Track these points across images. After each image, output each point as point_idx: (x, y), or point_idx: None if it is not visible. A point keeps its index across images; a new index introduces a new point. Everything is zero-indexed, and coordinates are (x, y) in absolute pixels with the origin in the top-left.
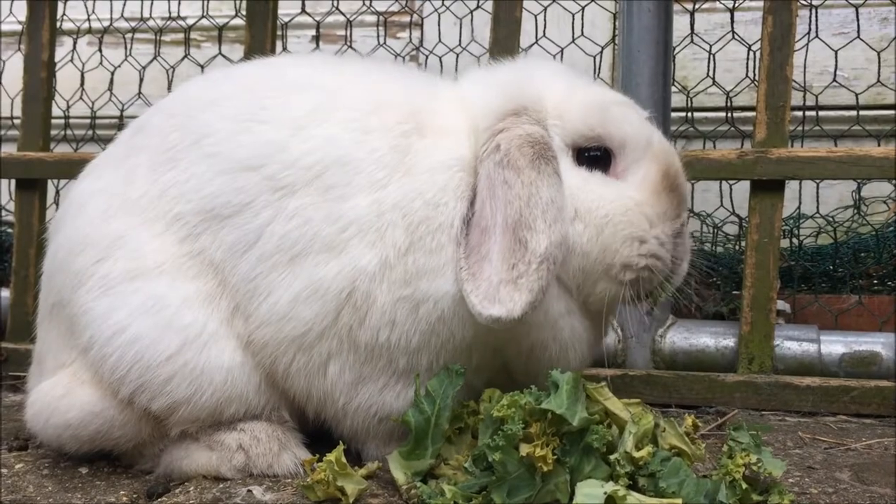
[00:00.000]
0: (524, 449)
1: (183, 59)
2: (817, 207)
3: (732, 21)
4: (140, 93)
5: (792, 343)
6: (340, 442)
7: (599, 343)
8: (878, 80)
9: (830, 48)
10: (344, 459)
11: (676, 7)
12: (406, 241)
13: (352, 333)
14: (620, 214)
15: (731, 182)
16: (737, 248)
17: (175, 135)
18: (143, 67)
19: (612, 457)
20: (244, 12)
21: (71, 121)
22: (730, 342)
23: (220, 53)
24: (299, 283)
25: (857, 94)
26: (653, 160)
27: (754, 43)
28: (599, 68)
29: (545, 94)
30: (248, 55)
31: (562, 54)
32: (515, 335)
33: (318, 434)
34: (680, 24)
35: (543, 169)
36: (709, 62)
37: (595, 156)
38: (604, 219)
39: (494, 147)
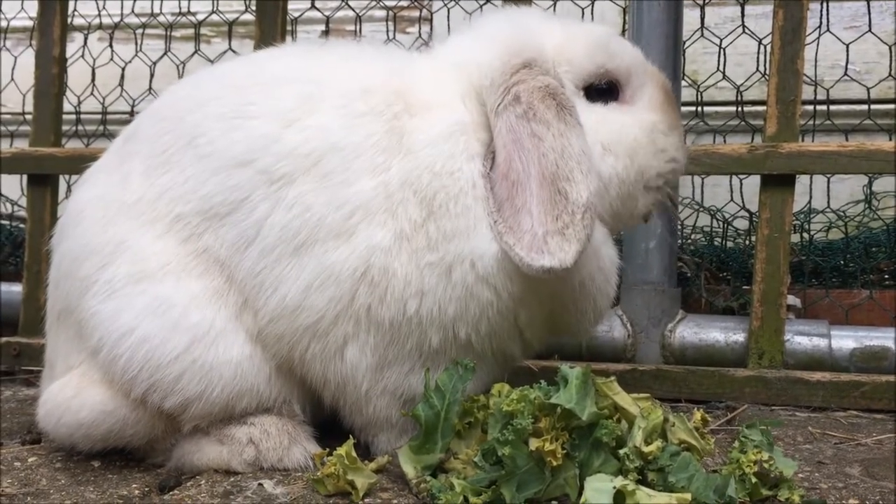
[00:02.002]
0: (533, 443)
1: (193, 54)
2: (828, 202)
3: (743, 15)
4: (151, 88)
5: (802, 338)
6: (350, 436)
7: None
8: (890, 74)
9: (842, 42)
10: (354, 454)
11: (686, 1)
12: (423, 213)
13: (371, 312)
14: (645, 135)
15: (742, 177)
16: (747, 242)
17: (167, 138)
18: (154, 63)
19: (621, 451)
20: (254, 8)
21: (82, 116)
22: (740, 337)
23: (230, 49)
24: (308, 274)
25: (868, 89)
26: (652, 81)
27: (765, 37)
28: None
29: (544, 42)
30: (258, 50)
31: None
32: (567, 275)
33: (328, 427)
34: (690, 18)
35: (569, 120)
36: (719, 56)
37: (603, 89)
38: (633, 143)
39: (513, 99)
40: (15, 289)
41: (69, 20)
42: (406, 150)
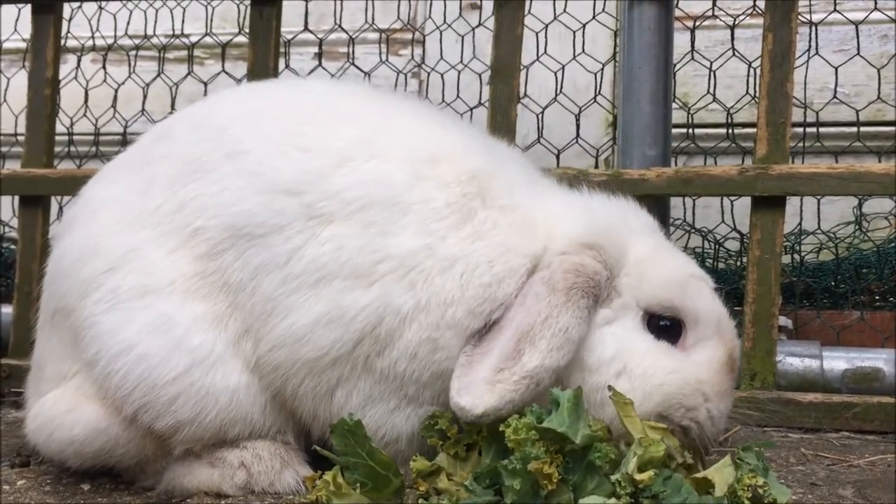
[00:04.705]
0: (532, 465)
1: (186, 76)
2: (818, 223)
3: (733, 38)
4: (143, 110)
5: (794, 359)
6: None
7: None
8: (879, 97)
9: (830, 65)
10: (341, 479)
11: (677, 24)
12: (455, 294)
13: (368, 361)
14: (678, 387)
15: (733, 198)
16: (738, 263)
17: (203, 145)
18: (147, 84)
19: (613, 477)
20: (247, 30)
21: (75, 137)
22: None
23: (223, 70)
24: (321, 307)
25: (857, 111)
26: (720, 341)
27: (755, 60)
28: (600, 85)
29: (631, 247)
30: (251, 72)
31: (563, 71)
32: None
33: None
34: (680, 41)
35: (575, 299)
36: (709, 79)
37: (666, 326)
38: (658, 387)
39: (548, 265)
40: (5, 310)
41: (62, 42)
42: (475, 233)
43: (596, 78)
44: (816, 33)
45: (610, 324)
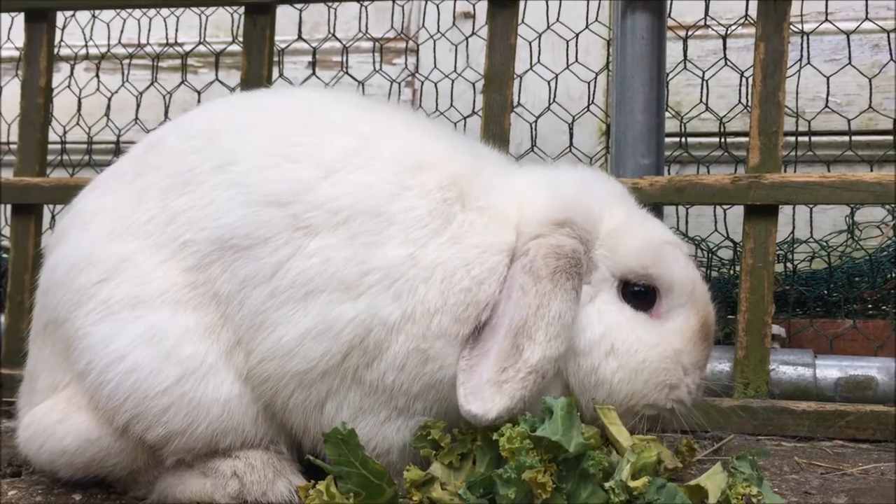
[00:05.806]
0: (527, 474)
1: (180, 84)
2: (811, 232)
3: (725, 48)
4: (137, 118)
5: (787, 367)
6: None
7: None
8: (870, 106)
9: (822, 74)
10: (334, 489)
11: (669, 33)
12: (438, 302)
13: (357, 373)
14: (659, 362)
15: (726, 207)
16: (731, 272)
17: (194, 157)
18: (141, 93)
19: (607, 485)
20: (241, 38)
21: (67, 146)
22: (725, 367)
23: (216, 79)
24: (309, 320)
25: (849, 120)
26: (694, 308)
27: (747, 69)
28: (594, 94)
29: (603, 217)
30: (245, 81)
31: (556, 80)
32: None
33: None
34: (673, 50)
35: (562, 283)
36: (702, 88)
37: (640, 292)
38: (641, 363)
39: (525, 251)
40: None
41: (56, 50)
42: (452, 237)
43: (589, 87)
44: (808, 43)
45: (593, 300)
